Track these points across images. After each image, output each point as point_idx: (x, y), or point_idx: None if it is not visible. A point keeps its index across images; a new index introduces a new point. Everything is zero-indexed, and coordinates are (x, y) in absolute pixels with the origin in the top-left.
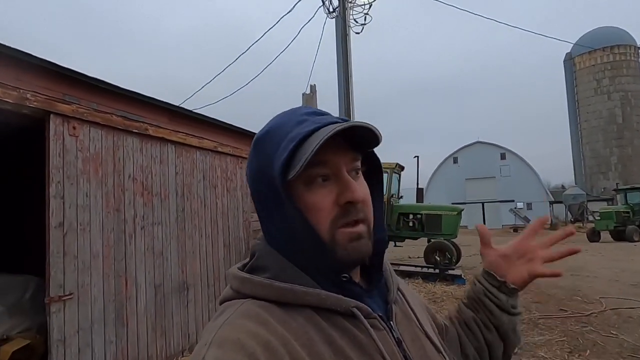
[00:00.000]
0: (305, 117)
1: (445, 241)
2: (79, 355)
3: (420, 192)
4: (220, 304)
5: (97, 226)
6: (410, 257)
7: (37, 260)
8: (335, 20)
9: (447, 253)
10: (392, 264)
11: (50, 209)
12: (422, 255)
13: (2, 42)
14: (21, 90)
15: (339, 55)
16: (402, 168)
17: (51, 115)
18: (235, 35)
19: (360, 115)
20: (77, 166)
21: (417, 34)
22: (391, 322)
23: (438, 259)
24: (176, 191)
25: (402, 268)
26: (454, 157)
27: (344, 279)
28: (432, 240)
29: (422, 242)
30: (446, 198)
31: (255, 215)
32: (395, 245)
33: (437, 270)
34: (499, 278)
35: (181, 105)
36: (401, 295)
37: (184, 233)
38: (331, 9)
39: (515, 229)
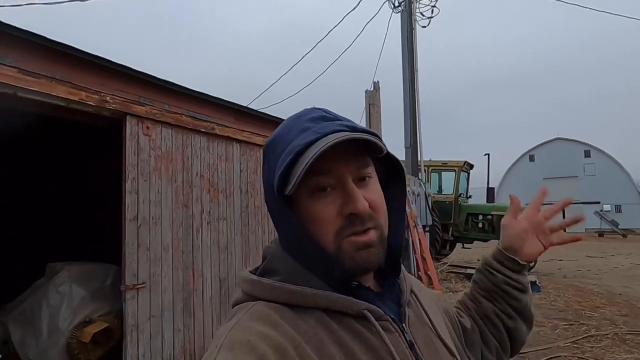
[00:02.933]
0: (309, 124)
1: None
2: (150, 341)
3: (490, 192)
4: (232, 307)
5: (167, 220)
6: (479, 260)
7: (115, 250)
8: (401, 15)
9: None
10: (457, 266)
11: (125, 204)
12: None
13: (86, 51)
14: (102, 94)
15: (404, 49)
16: (471, 166)
17: (127, 116)
18: (300, 35)
19: (429, 110)
20: (150, 164)
21: (492, 23)
22: (403, 325)
23: None
24: (240, 188)
25: (469, 271)
26: (530, 155)
27: (354, 286)
28: None
29: (493, 245)
30: (521, 199)
31: None
32: (463, 247)
33: None
34: (521, 262)
35: (250, 104)
36: (415, 298)
37: (248, 229)
38: (396, 4)
39: (601, 234)
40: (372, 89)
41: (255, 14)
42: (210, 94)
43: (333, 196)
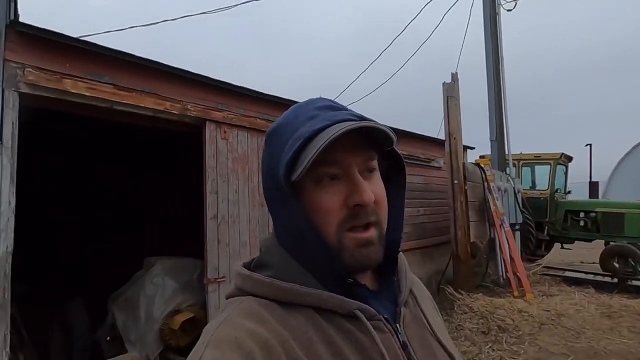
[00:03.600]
0: (317, 112)
1: (628, 245)
2: None
3: (594, 186)
4: (225, 299)
5: (245, 219)
6: (582, 262)
7: (199, 246)
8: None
9: (630, 259)
10: (554, 268)
11: (206, 203)
12: (597, 260)
13: (169, 64)
14: (184, 102)
15: (487, 36)
16: (570, 159)
17: (207, 122)
18: (378, 32)
19: (518, 100)
20: (228, 166)
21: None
22: (397, 325)
23: (617, 265)
24: None
25: (567, 274)
26: None
27: (350, 282)
28: (610, 243)
29: (598, 246)
30: (633, 195)
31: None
32: (562, 248)
33: (615, 280)
34: None
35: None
36: (414, 298)
37: None
38: None
39: None
40: (450, 81)
41: (333, 15)
42: (283, 96)
43: (339, 186)
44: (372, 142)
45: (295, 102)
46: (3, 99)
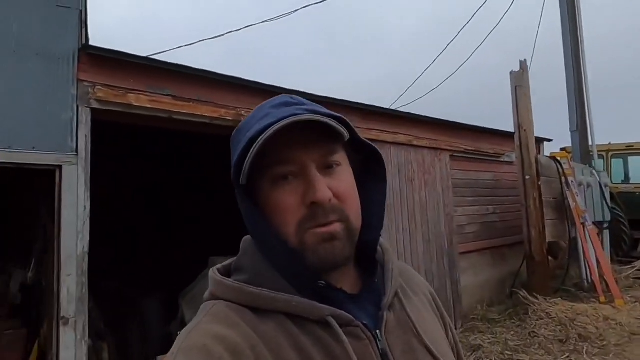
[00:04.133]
0: (270, 110)
1: None
2: None
3: None
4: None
5: None
6: None
7: None
8: None
9: None
10: None
11: None
12: None
13: (223, 73)
14: (238, 109)
15: (564, 17)
16: None
17: None
18: (444, 25)
19: (606, 86)
20: None
21: None
22: (377, 332)
23: None
24: None
25: None
26: None
27: (322, 285)
28: None
29: None
30: None
31: (458, 210)
32: None
33: None
34: None
35: (395, 103)
36: (400, 301)
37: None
38: None
39: None
40: (518, 69)
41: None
42: (336, 97)
43: (295, 185)
44: (332, 136)
45: (356, 105)
46: (77, 115)
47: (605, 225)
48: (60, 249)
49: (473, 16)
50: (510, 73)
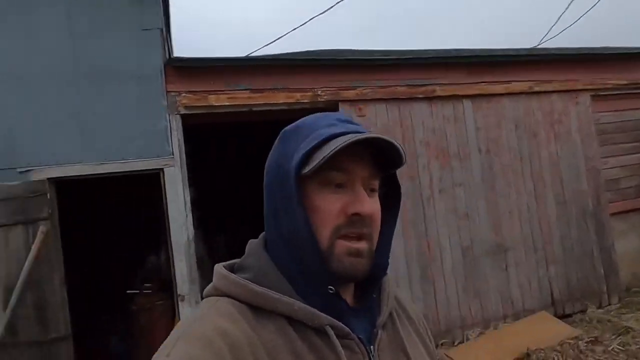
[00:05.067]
0: (336, 122)
1: None
2: None
3: None
4: (202, 298)
5: None
6: None
7: None
8: None
9: None
10: None
11: None
12: None
13: (298, 57)
14: (315, 89)
15: None
16: None
17: (339, 103)
18: None
19: None
20: None
21: None
22: (371, 347)
23: None
24: (479, 148)
25: None
26: None
27: (330, 292)
28: None
29: None
30: None
31: (609, 161)
32: None
33: None
34: None
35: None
36: (392, 322)
37: (495, 192)
38: None
39: None
40: None
41: None
42: (423, 56)
43: (342, 194)
44: (380, 163)
45: (453, 57)
46: (170, 123)
47: None
48: (171, 238)
49: None
50: None
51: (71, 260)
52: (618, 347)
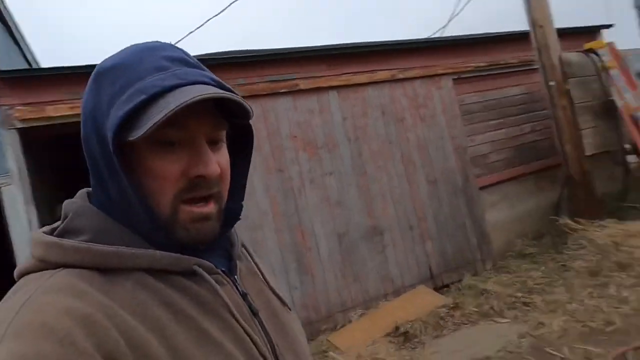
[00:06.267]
0: (167, 63)
1: None
2: None
3: None
4: (18, 278)
5: (261, 188)
6: None
7: None
8: None
9: None
10: None
11: None
12: None
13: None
14: None
15: None
16: None
17: None
18: None
19: None
20: None
21: None
22: (235, 277)
23: None
24: (347, 137)
25: None
26: None
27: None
28: None
29: None
30: None
31: (477, 138)
32: None
33: None
34: None
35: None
36: (246, 252)
37: (366, 178)
38: None
39: None
40: None
41: None
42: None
43: (180, 153)
44: (225, 112)
45: (314, 49)
46: (3, 138)
47: None
48: (15, 260)
49: None
50: None
51: None
52: (473, 309)
